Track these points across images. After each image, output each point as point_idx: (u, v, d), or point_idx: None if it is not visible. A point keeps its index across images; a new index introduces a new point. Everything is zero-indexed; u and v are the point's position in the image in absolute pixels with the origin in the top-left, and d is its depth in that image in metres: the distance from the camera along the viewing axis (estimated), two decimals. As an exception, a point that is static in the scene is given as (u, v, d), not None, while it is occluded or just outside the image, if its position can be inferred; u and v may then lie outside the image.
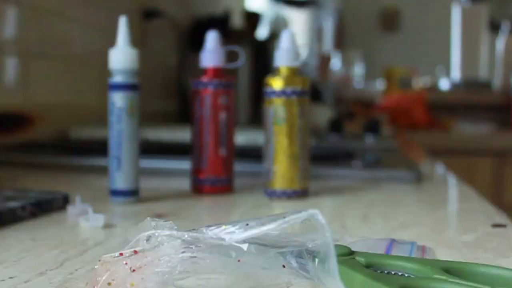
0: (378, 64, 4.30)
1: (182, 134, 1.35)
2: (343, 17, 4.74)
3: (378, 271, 0.49)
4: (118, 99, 0.90)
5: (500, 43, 3.57)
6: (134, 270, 0.46)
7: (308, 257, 0.49)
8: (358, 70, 4.02)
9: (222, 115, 1.00)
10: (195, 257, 0.48)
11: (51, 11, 1.53)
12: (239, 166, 1.08)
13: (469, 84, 3.52)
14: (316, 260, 0.48)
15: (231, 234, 0.47)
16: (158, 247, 0.48)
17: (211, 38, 1.02)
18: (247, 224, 0.47)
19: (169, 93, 2.47)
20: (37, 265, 0.58)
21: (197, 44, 1.16)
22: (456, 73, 3.62)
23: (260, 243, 0.50)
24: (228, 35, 2.24)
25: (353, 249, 0.52)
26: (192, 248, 0.48)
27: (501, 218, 0.82)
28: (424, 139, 2.66)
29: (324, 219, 0.45)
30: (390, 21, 5.38)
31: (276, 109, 0.96)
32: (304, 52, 3.07)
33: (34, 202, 0.80)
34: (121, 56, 0.91)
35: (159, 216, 0.81)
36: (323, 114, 2.33)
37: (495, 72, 3.63)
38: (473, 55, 3.57)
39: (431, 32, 5.08)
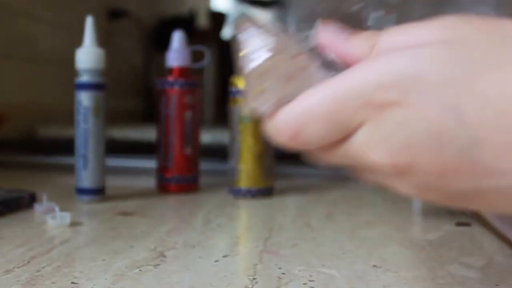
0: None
1: (147, 133, 1.35)
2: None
3: None
4: (84, 99, 0.90)
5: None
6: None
7: None
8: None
9: (188, 114, 1.01)
10: None
11: (17, 11, 1.53)
12: (204, 165, 1.08)
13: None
14: None
15: None
16: None
17: (177, 38, 1.02)
18: None
19: (135, 93, 2.47)
20: (4, 263, 0.58)
21: (163, 44, 1.17)
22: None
23: None
24: (194, 35, 2.25)
25: None
26: None
27: (465, 216, 0.83)
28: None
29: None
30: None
31: (242, 108, 0.97)
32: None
33: (1, 201, 0.80)
34: (87, 56, 0.91)
35: (124, 214, 0.82)
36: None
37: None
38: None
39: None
